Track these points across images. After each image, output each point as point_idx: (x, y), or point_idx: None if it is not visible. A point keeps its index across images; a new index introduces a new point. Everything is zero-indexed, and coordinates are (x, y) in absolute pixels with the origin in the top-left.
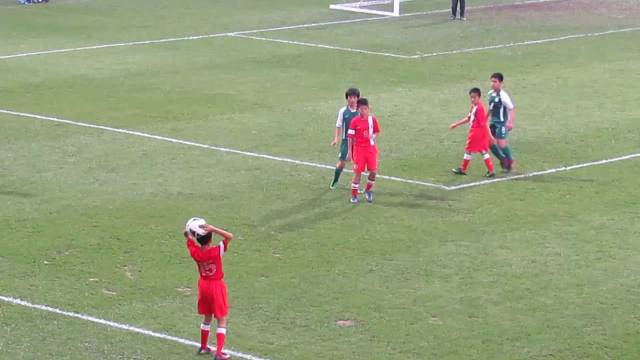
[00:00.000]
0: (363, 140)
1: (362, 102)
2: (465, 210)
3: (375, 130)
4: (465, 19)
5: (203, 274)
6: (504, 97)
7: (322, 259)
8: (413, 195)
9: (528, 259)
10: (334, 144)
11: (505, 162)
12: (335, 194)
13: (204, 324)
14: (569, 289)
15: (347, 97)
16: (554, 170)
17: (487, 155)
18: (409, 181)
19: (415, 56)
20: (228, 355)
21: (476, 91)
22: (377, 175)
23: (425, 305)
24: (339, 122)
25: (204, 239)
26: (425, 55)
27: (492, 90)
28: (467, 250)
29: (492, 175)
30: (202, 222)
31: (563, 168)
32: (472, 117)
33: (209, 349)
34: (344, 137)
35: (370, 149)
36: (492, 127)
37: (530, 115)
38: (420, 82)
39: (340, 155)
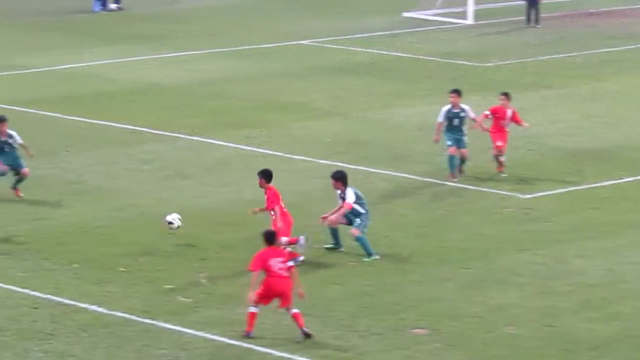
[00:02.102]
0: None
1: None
2: (541, 219)
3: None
4: (539, 26)
5: (275, 272)
6: (468, 110)
7: (397, 267)
8: (488, 203)
9: (605, 268)
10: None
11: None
12: (409, 203)
13: (254, 307)
14: None
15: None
16: (631, 178)
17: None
18: (484, 190)
19: (489, 64)
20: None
21: (506, 95)
22: (452, 184)
23: (501, 314)
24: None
25: (272, 239)
26: (500, 63)
27: (450, 106)
28: (543, 259)
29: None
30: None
31: None
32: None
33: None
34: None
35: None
36: (458, 140)
37: (607, 123)
38: (494, 90)
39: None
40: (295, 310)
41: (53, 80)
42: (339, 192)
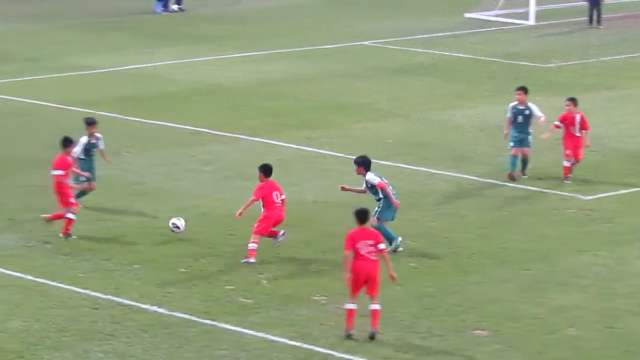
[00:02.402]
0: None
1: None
2: (603, 220)
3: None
4: (602, 27)
5: (362, 255)
6: (534, 108)
7: (457, 269)
8: (549, 204)
9: None
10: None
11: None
12: (470, 204)
13: (351, 302)
14: None
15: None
16: None
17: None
18: (545, 190)
19: (551, 65)
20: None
21: (573, 100)
22: (513, 185)
23: (562, 316)
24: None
25: (364, 217)
26: (562, 64)
27: (516, 103)
28: (604, 261)
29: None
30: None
31: None
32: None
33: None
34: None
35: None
36: (522, 139)
37: None
38: (556, 91)
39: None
40: (375, 306)
41: (114, 81)
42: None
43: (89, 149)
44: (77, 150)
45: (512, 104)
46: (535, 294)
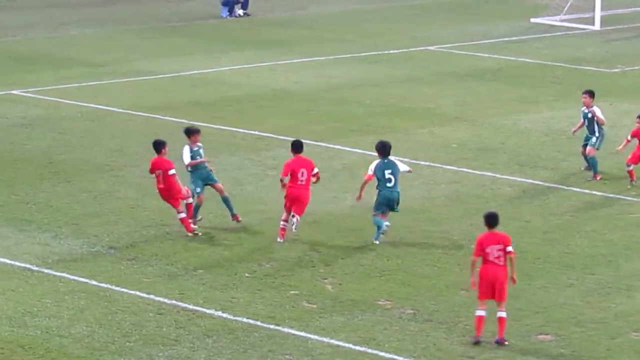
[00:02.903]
0: None
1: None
2: None
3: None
4: None
5: (490, 260)
6: (597, 112)
7: (522, 273)
8: (614, 209)
9: None
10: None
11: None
12: (534, 208)
13: (481, 309)
14: None
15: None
16: None
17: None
18: (610, 195)
19: (616, 70)
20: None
21: None
22: (577, 190)
23: (627, 320)
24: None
25: (494, 222)
26: (627, 68)
27: (584, 106)
28: None
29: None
30: None
31: None
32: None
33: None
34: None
35: None
36: (587, 138)
37: None
38: (621, 96)
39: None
40: (503, 314)
41: (179, 86)
42: None
43: (193, 157)
44: (185, 159)
45: (582, 108)
46: (599, 299)
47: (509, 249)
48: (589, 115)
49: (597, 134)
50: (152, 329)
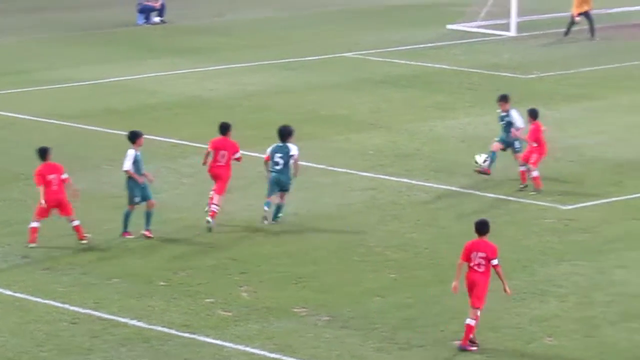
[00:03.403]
0: None
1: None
2: (582, 230)
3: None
4: (597, 39)
5: (471, 266)
6: (513, 115)
7: (437, 279)
8: (529, 214)
9: None
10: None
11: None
12: (450, 215)
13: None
14: None
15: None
16: None
17: (535, 173)
18: (525, 201)
19: (532, 76)
20: (475, 348)
21: (531, 113)
22: (493, 196)
23: (541, 325)
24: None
25: (483, 229)
26: (543, 74)
27: (500, 110)
28: (583, 270)
29: (525, 187)
30: None
31: None
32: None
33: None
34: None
35: None
36: (508, 142)
37: None
38: (537, 102)
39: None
40: (471, 322)
41: (96, 94)
42: None
43: (136, 163)
44: (127, 164)
45: (498, 110)
46: (514, 304)
47: (494, 262)
48: (506, 118)
49: (516, 140)
50: (67, 338)
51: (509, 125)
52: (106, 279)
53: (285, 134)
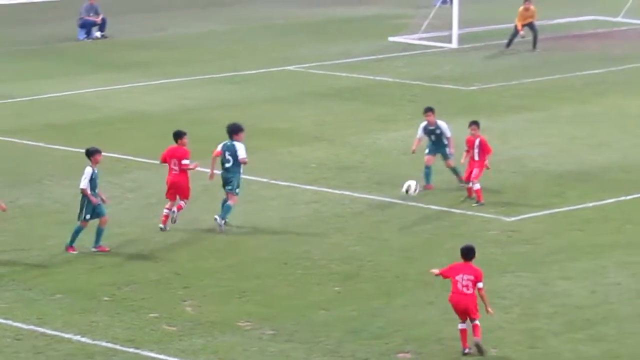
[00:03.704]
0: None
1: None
2: (525, 241)
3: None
4: (538, 50)
5: (459, 288)
6: (443, 126)
7: (381, 292)
8: (472, 226)
9: (588, 290)
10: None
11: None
12: (393, 227)
13: (462, 321)
14: (631, 319)
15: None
16: (613, 200)
17: (477, 186)
18: (468, 213)
19: (473, 87)
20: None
21: (476, 124)
22: (436, 208)
23: (485, 337)
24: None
25: (469, 255)
26: (484, 86)
27: (426, 123)
28: (527, 281)
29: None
30: None
31: (623, 198)
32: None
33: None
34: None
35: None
36: (437, 150)
37: (589, 145)
38: (478, 113)
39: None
40: (463, 326)
41: (35, 110)
42: None
43: (92, 180)
44: (84, 182)
45: (422, 124)
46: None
47: (480, 285)
48: (437, 131)
49: (447, 148)
50: (10, 354)
51: (440, 137)
52: (50, 294)
53: (230, 131)
